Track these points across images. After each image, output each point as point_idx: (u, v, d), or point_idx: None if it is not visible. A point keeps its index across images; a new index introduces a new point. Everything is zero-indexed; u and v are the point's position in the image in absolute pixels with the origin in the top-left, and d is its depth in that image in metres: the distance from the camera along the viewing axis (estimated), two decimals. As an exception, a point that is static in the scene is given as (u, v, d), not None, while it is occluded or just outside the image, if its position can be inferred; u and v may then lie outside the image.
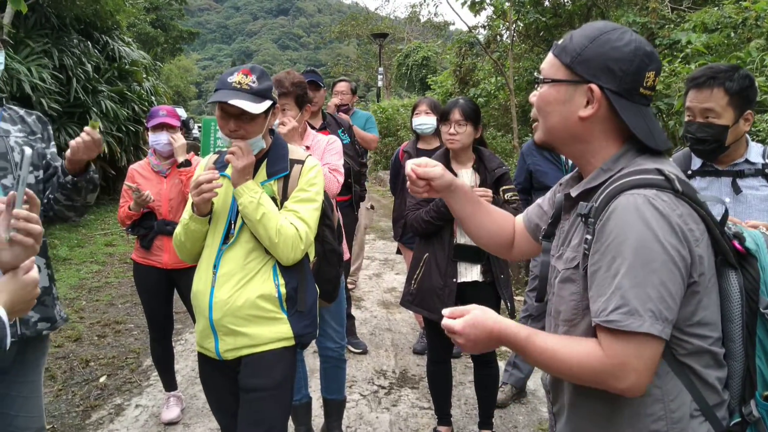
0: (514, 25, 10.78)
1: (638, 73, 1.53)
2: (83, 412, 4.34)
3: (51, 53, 10.76)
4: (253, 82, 2.45)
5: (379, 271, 8.43)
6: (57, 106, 10.36)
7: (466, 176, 3.78)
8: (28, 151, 1.47)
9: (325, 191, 2.87)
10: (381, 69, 24.84)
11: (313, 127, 4.84)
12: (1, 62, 2.40)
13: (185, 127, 26.94)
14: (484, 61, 14.01)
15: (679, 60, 6.14)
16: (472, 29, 12.31)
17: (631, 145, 1.58)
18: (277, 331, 2.50)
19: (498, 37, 12.57)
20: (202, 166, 2.77)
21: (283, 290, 2.49)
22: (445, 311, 1.64)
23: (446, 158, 3.84)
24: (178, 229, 2.66)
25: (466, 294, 3.75)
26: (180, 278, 4.06)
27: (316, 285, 2.69)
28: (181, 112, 27.65)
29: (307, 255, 2.60)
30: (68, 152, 2.39)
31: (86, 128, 2.37)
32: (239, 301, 2.46)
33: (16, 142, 2.48)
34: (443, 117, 3.81)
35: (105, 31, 13.15)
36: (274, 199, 2.52)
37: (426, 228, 3.74)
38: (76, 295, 7.19)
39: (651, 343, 1.39)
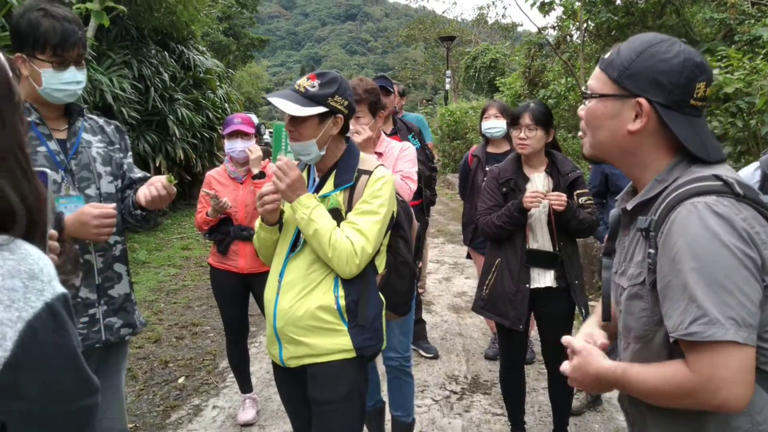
0: (585, 24, 10.59)
1: (688, 84, 1.50)
2: (163, 412, 4.49)
3: (131, 64, 11.16)
4: (312, 87, 2.46)
5: (449, 275, 8.41)
6: (136, 114, 10.73)
7: (539, 180, 3.74)
8: (49, 171, 1.51)
9: (404, 200, 2.87)
10: (449, 72, 24.74)
11: (385, 134, 4.89)
12: (83, 80, 2.47)
13: (257, 133, 27.47)
14: (554, 62, 13.81)
15: (761, 57, 5.92)
16: (541, 30, 12.15)
17: (684, 155, 1.55)
18: (337, 343, 2.48)
19: (567, 37, 12.39)
20: None
21: (342, 302, 2.47)
22: (564, 338, 1.71)
23: (518, 163, 3.82)
24: (255, 236, 2.74)
25: (539, 300, 3.71)
26: (255, 282, 4.12)
27: (384, 297, 2.64)
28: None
29: (373, 267, 2.58)
30: (142, 200, 2.45)
31: (164, 182, 2.45)
32: (299, 311, 2.48)
33: (97, 152, 2.58)
34: (513, 121, 3.78)
35: (180, 41, 13.53)
36: (338, 210, 2.52)
37: (498, 233, 3.71)
38: (155, 298, 7.44)
39: (737, 352, 1.34)
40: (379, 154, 3.62)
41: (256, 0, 35.31)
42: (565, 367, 1.66)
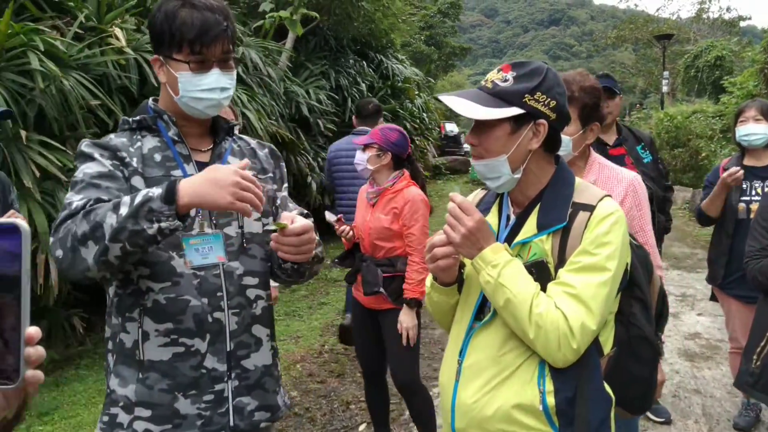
0: None
1: None
2: (340, 469, 3.89)
3: (328, 74, 11.05)
4: (504, 80, 1.70)
5: (676, 309, 7.09)
6: (332, 126, 10.54)
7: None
8: (25, 226, 0.84)
9: (640, 245, 1.94)
10: (666, 73, 22.78)
11: (605, 145, 3.93)
12: (230, 86, 1.90)
13: (455, 143, 26.98)
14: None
15: None
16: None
17: None
18: None
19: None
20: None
21: (551, 400, 1.64)
22: None
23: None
24: (427, 296, 1.98)
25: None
26: (381, 319, 3.66)
27: (611, 390, 1.75)
28: (452, 127, 27.89)
29: (596, 347, 1.71)
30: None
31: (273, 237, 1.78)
32: (488, 410, 1.69)
33: None
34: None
35: (379, 50, 13.39)
36: (543, 264, 1.69)
37: (778, 284, 2.66)
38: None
39: None
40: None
41: (458, 9, 35.64)
42: None
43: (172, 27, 1.78)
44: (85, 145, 1.83)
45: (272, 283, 2.07)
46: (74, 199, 1.69)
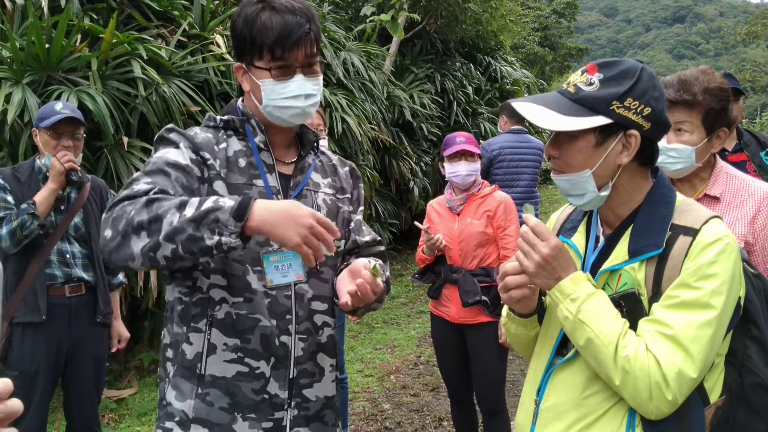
0: None
1: None
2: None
3: (433, 78, 10.91)
4: (589, 84, 1.48)
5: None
6: (437, 130, 10.38)
7: None
8: None
9: (759, 273, 1.63)
10: (802, 71, 21.16)
11: (724, 150, 3.54)
12: (316, 93, 1.79)
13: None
14: None
15: None
16: None
17: None
18: None
19: None
20: (551, 222, 1.82)
21: None
22: None
23: None
24: (504, 327, 1.78)
25: None
26: (469, 334, 3.52)
27: None
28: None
29: (700, 393, 1.45)
30: (347, 300, 1.69)
31: (368, 276, 1.67)
32: None
33: (324, 200, 1.89)
34: None
35: (488, 52, 13.15)
36: (635, 296, 1.45)
37: None
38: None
39: None
40: (715, 200, 2.23)
41: (575, 9, 34.83)
42: None
43: (252, 32, 1.70)
44: (173, 133, 1.73)
45: None
46: (140, 180, 1.60)
